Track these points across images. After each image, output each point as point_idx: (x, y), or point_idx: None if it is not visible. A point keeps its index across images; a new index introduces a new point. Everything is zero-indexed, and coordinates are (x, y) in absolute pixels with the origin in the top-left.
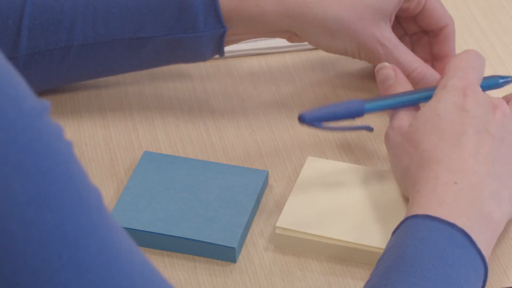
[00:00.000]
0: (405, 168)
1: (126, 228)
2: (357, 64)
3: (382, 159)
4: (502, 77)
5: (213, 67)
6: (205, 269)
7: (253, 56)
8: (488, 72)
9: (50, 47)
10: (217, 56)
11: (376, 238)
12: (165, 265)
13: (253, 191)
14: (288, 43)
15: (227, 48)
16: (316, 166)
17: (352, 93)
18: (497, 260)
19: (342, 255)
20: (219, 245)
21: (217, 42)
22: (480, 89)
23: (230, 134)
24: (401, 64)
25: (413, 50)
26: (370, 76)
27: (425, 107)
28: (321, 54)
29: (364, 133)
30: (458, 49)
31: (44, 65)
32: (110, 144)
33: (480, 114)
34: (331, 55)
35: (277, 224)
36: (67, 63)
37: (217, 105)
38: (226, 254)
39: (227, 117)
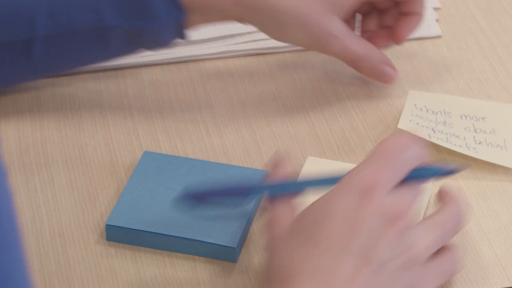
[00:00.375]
0: (269, 272)
1: (126, 228)
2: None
3: None
4: (445, 170)
5: (213, 67)
6: (205, 269)
7: (253, 56)
8: (488, 72)
9: (11, 40)
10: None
11: None
12: (165, 265)
13: None
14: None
15: (226, 48)
16: (316, 166)
17: (352, 93)
18: (497, 260)
19: None
20: (219, 245)
21: (178, 28)
22: (386, 192)
23: (230, 134)
24: (353, 53)
25: (379, 22)
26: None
27: (313, 204)
28: (321, 54)
29: (364, 133)
30: (458, 49)
31: (7, 59)
32: (110, 144)
33: (372, 230)
34: None
35: None
36: (32, 57)
37: (217, 105)
38: (226, 254)
39: (227, 117)
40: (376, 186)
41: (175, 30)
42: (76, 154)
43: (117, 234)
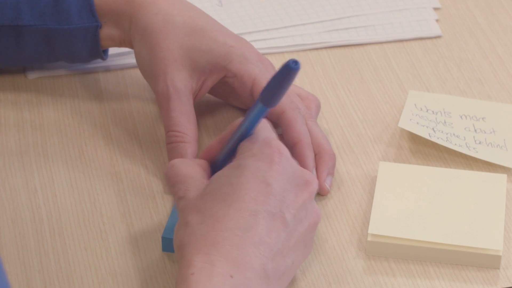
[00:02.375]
0: (180, 242)
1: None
2: (357, 65)
3: (382, 159)
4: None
5: None
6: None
7: None
8: (488, 72)
9: None
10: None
11: (486, 240)
12: (165, 264)
13: None
14: (288, 43)
15: None
16: (390, 171)
17: (352, 93)
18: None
19: (449, 259)
20: None
21: (92, 39)
22: (289, 154)
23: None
24: (168, 119)
25: None
26: (370, 77)
27: (225, 169)
28: (321, 54)
29: (364, 133)
30: (458, 49)
31: None
32: (110, 144)
33: (282, 191)
34: (331, 55)
35: (370, 231)
36: None
37: (217, 105)
38: None
39: (227, 117)
40: (281, 149)
41: (89, 41)
42: (76, 154)
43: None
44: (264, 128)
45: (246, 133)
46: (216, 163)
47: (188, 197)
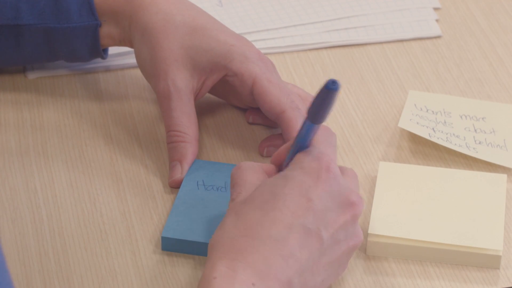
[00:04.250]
0: (212, 241)
1: (177, 239)
2: (357, 65)
3: (382, 159)
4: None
5: None
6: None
7: None
8: (488, 72)
9: None
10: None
11: (486, 240)
12: (165, 264)
13: None
14: (288, 43)
15: None
16: (390, 171)
17: (352, 93)
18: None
19: (449, 259)
20: None
21: (92, 38)
22: (339, 172)
23: (230, 134)
24: (169, 119)
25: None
26: (370, 77)
27: (272, 179)
28: (321, 54)
29: (364, 133)
30: (458, 49)
31: None
32: (110, 144)
33: (323, 209)
34: (331, 55)
35: (370, 231)
36: None
37: (217, 105)
38: None
39: (227, 117)
40: (330, 166)
41: (89, 39)
42: (76, 154)
43: (173, 245)
44: (323, 142)
45: (300, 147)
46: (281, 170)
47: (237, 200)
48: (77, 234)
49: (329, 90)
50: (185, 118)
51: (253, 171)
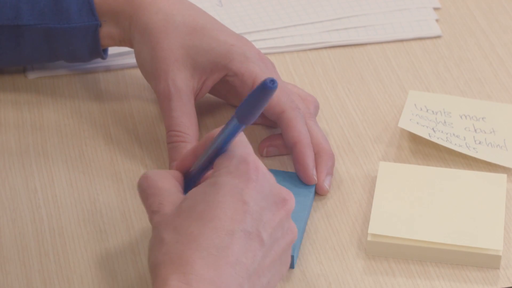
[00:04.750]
0: (155, 260)
1: None
2: (357, 65)
3: (382, 159)
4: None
5: None
6: None
7: None
8: (488, 72)
9: None
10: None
11: (486, 239)
12: None
13: None
14: (288, 43)
15: None
16: (390, 171)
17: (352, 93)
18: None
19: (449, 259)
20: None
21: (92, 38)
22: (266, 170)
23: None
24: (169, 119)
25: None
26: (370, 77)
27: (200, 186)
28: (321, 54)
29: (364, 133)
30: (458, 49)
31: None
32: (110, 144)
33: (259, 210)
34: (331, 55)
35: (370, 231)
36: None
37: (217, 105)
38: None
39: (227, 117)
40: (258, 166)
41: (89, 40)
42: (76, 154)
43: None
44: (240, 143)
45: (221, 149)
46: (190, 176)
47: (163, 212)
48: (77, 234)
49: (267, 88)
50: (186, 118)
51: (164, 178)
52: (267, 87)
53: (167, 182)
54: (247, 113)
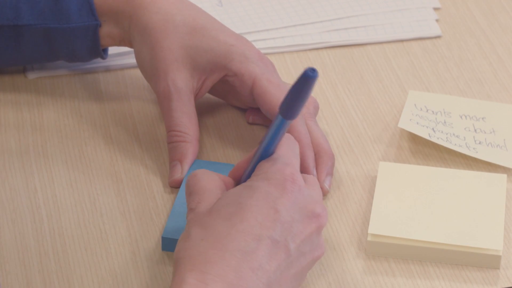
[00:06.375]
0: (178, 254)
1: (177, 240)
2: (357, 65)
3: (382, 159)
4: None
5: None
6: None
7: None
8: (488, 72)
9: None
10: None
11: (486, 240)
12: (165, 264)
13: None
14: (288, 43)
15: None
16: (390, 171)
17: (352, 93)
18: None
19: (449, 259)
20: None
21: (92, 38)
22: (304, 184)
23: (230, 134)
24: (170, 119)
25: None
26: (370, 77)
27: (236, 189)
28: (321, 54)
29: (364, 133)
30: (458, 49)
31: None
32: (110, 144)
33: (290, 220)
34: (331, 55)
35: (370, 231)
36: None
37: (217, 105)
38: None
39: (227, 117)
40: (295, 177)
41: (89, 39)
42: (76, 154)
43: (174, 245)
44: (287, 146)
45: (267, 149)
46: (241, 183)
47: (198, 210)
48: (77, 234)
49: (308, 78)
50: (186, 118)
51: (209, 179)
52: (309, 76)
53: (212, 183)
54: (290, 107)
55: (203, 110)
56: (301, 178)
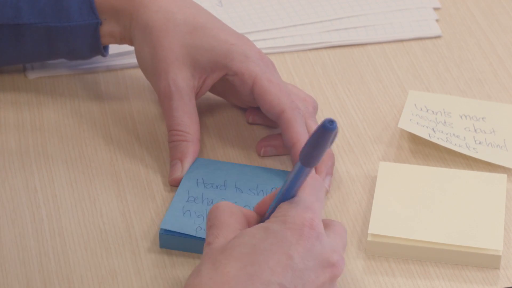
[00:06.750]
0: (190, 286)
1: (175, 234)
2: (357, 65)
3: (382, 159)
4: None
5: None
6: None
7: None
8: (488, 72)
9: None
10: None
11: (486, 240)
12: (165, 264)
13: None
14: (288, 43)
15: None
16: (390, 171)
17: (352, 93)
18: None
19: (449, 259)
20: None
21: (93, 36)
22: (322, 230)
23: (230, 134)
24: (170, 118)
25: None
26: (370, 77)
27: (253, 228)
28: (321, 54)
29: (364, 133)
30: (458, 49)
31: None
32: (110, 145)
33: (303, 268)
34: (331, 55)
35: (370, 231)
36: None
37: (217, 105)
38: None
39: (227, 116)
40: (314, 223)
41: (89, 38)
42: (76, 154)
43: (171, 241)
44: (312, 189)
45: (288, 193)
46: (263, 219)
47: (214, 245)
48: (77, 234)
49: (325, 130)
50: (187, 117)
51: (232, 214)
52: (327, 128)
53: (233, 218)
54: (310, 155)
55: (203, 109)
56: (321, 225)
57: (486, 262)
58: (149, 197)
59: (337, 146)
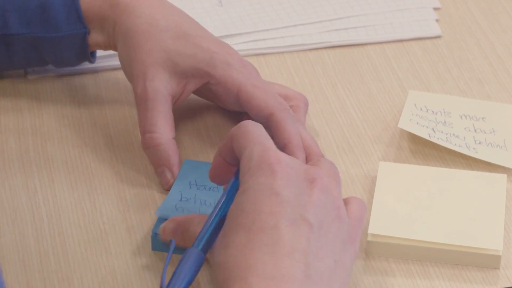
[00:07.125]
0: (217, 282)
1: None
2: (357, 65)
3: (382, 159)
4: None
5: None
6: (204, 269)
7: (253, 56)
8: (488, 72)
9: None
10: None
11: (486, 240)
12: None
13: None
14: (288, 43)
15: None
16: (390, 171)
17: (352, 93)
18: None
19: (449, 259)
20: None
21: (81, 45)
22: (288, 158)
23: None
24: (144, 119)
25: None
26: (370, 77)
27: (234, 203)
28: (321, 54)
29: (364, 133)
30: (458, 49)
31: None
32: (110, 144)
33: (294, 196)
34: (331, 55)
35: (370, 231)
36: None
37: (214, 106)
38: None
39: (227, 117)
40: (279, 160)
41: (77, 46)
42: (76, 154)
43: (164, 244)
44: (258, 138)
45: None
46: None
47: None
48: (77, 234)
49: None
50: (161, 117)
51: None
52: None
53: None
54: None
55: (201, 111)
56: (283, 154)
57: (486, 262)
58: (149, 197)
59: (337, 146)
